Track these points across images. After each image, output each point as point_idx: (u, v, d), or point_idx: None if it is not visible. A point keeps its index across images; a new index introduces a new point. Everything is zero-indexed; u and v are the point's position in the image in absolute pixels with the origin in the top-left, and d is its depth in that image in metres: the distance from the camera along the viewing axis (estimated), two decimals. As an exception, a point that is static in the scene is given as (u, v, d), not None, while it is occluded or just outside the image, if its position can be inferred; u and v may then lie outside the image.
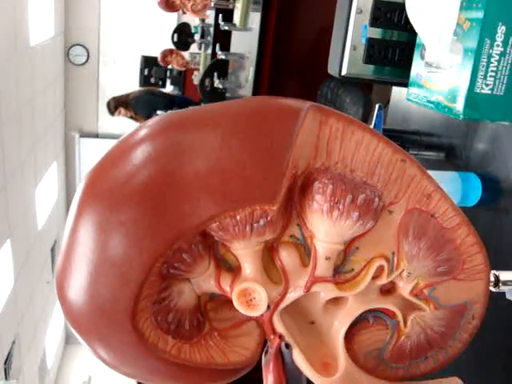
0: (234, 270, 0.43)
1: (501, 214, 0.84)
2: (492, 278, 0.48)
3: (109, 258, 0.37)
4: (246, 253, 0.41)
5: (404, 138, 1.14)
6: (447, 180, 0.88)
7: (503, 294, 0.54)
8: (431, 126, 1.08)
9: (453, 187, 0.88)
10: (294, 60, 2.66)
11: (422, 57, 0.81)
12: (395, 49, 0.93)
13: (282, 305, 0.43)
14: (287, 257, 0.43)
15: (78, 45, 7.31)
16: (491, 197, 0.86)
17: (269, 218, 0.39)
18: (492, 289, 0.52)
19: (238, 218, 0.39)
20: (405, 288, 0.45)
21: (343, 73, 0.95)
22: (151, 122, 0.40)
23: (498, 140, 0.86)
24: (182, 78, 5.20)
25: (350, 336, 0.45)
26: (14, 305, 5.44)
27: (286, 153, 0.38)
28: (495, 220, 0.85)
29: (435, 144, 1.05)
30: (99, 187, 0.38)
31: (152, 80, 5.30)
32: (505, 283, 0.50)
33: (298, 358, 0.44)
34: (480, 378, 0.86)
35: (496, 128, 0.87)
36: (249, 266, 0.42)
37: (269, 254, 0.43)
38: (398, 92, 1.26)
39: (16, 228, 5.37)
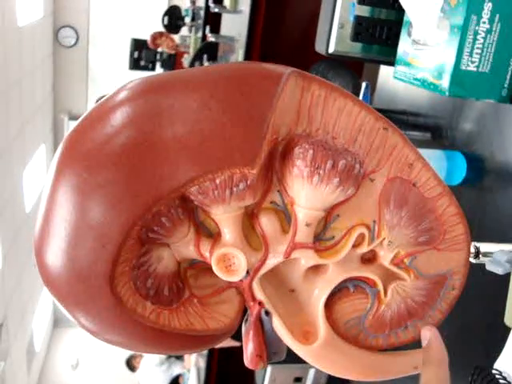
0: (214, 236, 0.43)
1: (485, 192, 0.84)
2: (473, 250, 0.48)
3: (87, 221, 0.37)
4: (225, 218, 0.41)
5: (391, 117, 1.14)
6: (432, 158, 0.88)
7: (484, 267, 0.54)
8: (418, 106, 1.08)
9: (438, 165, 0.88)
10: (284, 43, 2.65)
11: (409, 34, 0.81)
12: (383, 27, 0.92)
13: (262, 271, 0.43)
14: (267, 223, 0.42)
15: (67, 26, 7.23)
16: (476, 175, 0.86)
17: (248, 182, 0.39)
18: (472, 260, 0.53)
19: (217, 181, 0.38)
20: (385, 257, 0.45)
21: (330, 51, 0.95)
22: (131, 84, 0.39)
23: (483, 119, 0.86)
24: (171, 61, 5.15)
25: (330, 304, 0.46)
26: (2, 288, 5.42)
27: (265, 116, 0.38)
28: (479, 198, 0.85)
29: (422, 124, 1.05)
30: (77, 149, 0.38)
31: (142, 63, 5.25)
32: (485, 255, 0.50)
33: (278, 326, 0.44)
34: (458, 351, 0.87)
35: (481, 107, 0.87)
36: (228, 231, 0.42)
37: (249, 220, 0.43)
38: (385, 71, 1.25)
39: (3, 211, 5.34)
